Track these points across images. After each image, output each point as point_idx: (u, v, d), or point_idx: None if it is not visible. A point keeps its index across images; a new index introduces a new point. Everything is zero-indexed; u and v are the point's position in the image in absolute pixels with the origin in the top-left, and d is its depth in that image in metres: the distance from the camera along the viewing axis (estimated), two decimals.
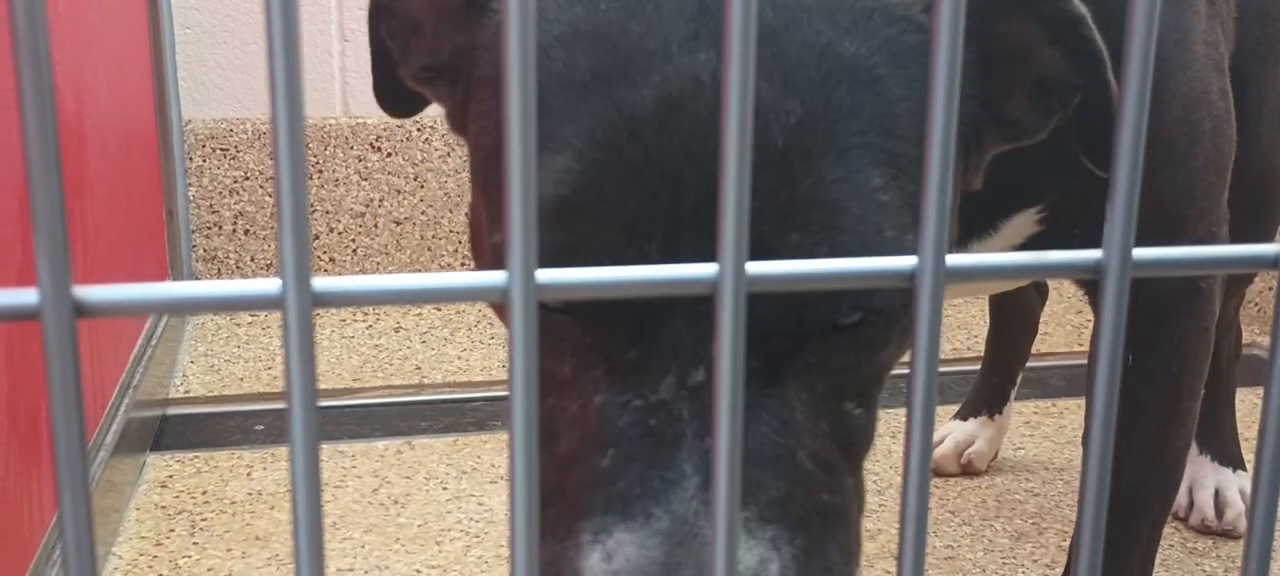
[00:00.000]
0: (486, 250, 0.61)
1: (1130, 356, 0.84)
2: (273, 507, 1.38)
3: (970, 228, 0.81)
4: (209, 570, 1.26)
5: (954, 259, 0.32)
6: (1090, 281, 0.86)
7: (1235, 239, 0.91)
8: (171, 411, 1.65)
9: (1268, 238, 1.17)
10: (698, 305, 0.53)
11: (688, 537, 0.49)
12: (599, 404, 0.55)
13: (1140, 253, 0.32)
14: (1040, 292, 1.47)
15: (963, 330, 1.94)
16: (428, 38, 0.67)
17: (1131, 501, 0.88)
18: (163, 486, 1.43)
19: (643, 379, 0.54)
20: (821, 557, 0.54)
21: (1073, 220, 0.81)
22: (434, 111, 0.72)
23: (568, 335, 0.57)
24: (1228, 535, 1.35)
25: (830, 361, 0.56)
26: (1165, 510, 0.91)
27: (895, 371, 0.62)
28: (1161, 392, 0.86)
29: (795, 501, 0.54)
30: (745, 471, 0.52)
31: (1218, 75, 0.83)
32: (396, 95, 0.73)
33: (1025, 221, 0.83)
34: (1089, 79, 0.62)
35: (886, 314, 0.56)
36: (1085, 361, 1.82)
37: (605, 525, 0.51)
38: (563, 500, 0.54)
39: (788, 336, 0.55)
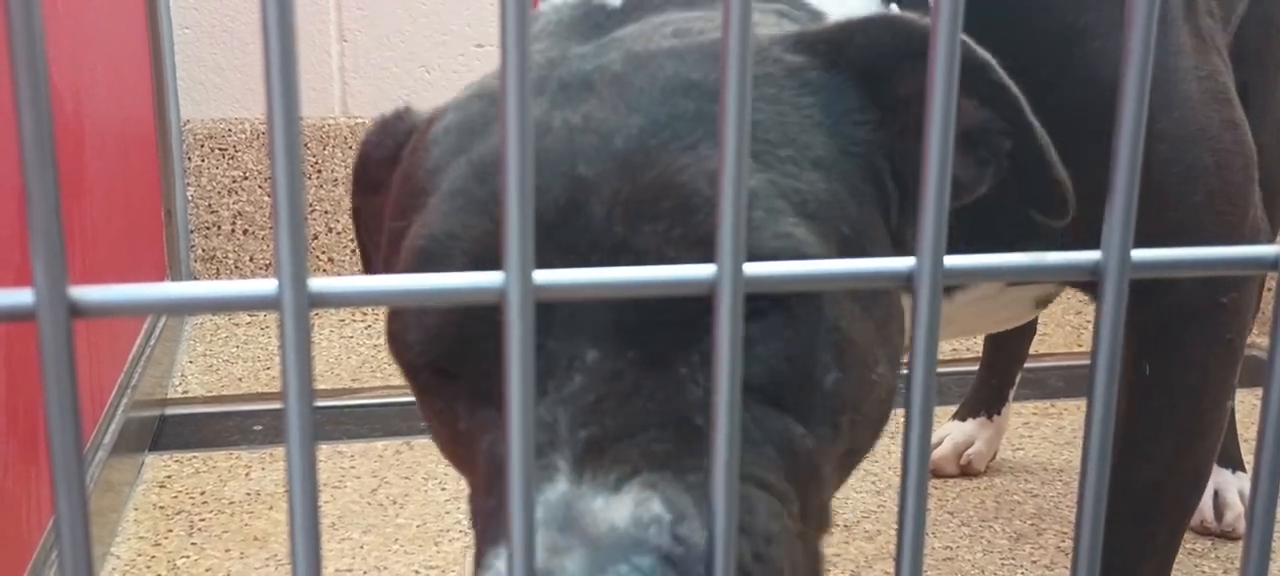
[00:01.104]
0: (390, 350, 0.63)
1: (1147, 366, 0.84)
2: (271, 508, 1.38)
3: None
4: (207, 570, 1.26)
5: (952, 259, 0.32)
6: (1094, 288, 0.86)
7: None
8: (170, 411, 1.64)
9: (1268, 238, 1.17)
10: (570, 320, 0.54)
11: (564, 519, 0.49)
12: (487, 446, 0.56)
13: (1139, 253, 0.32)
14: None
15: None
16: (385, 237, 0.69)
17: (1150, 508, 0.87)
18: (161, 486, 1.43)
19: None
20: (743, 505, 0.52)
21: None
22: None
23: (445, 392, 0.59)
24: (1227, 536, 1.35)
25: (745, 364, 0.54)
26: (1184, 519, 0.90)
27: None
28: (1181, 402, 0.86)
29: (690, 454, 0.52)
30: (618, 445, 0.51)
31: (1219, 106, 0.82)
32: None
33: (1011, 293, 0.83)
34: (1012, 124, 0.62)
35: (785, 305, 0.55)
36: (1084, 362, 1.82)
37: (496, 553, 0.52)
38: (476, 551, 0.56)
39: (677, 325, 0.54)
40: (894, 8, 0.73)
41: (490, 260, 0.55)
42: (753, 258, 0.52)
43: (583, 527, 0.49)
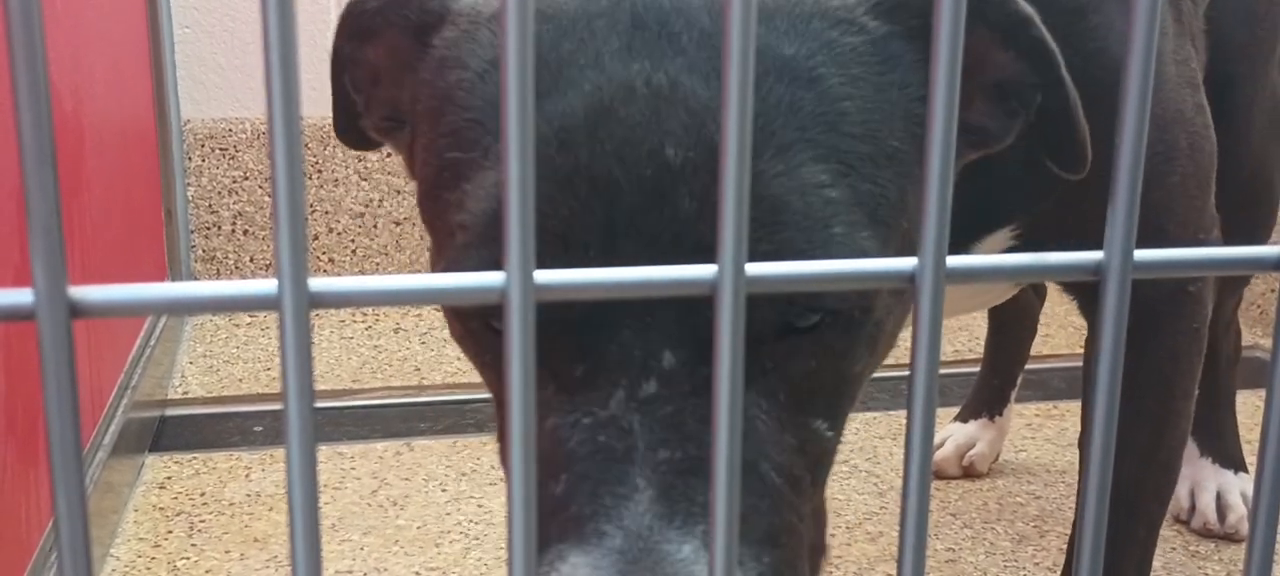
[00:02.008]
0: None
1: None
2: (271, 509, 1.38)
3: None
4: (207, 572, 1.25)
5: (954, 260, 0.32)
6: (1082, 288, 0.86)
7: (1228, 240, 0.91)
8: (170, 412, 1.64)
9: (1261, 237, 1.17)
10: (644, 314, 0.52)
11: (642, 553, 0.48)
12: (550, 427, 0.54)
13: (1141, 254, 0.32)
14: (1038, 293, 1.47)
15: (963, 331, 1.94)
16: (387, 86, 0.67)
17: (1128, 502, 0.88)
18: (161, 487, 1.43)
19: (591, 395, 0.53)
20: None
21: (1047, 238, 0.81)
22: None
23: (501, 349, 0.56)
24: (1230, 538, 1.35)
25: (792, 367, 0.55)
26: (1162, 511, 0.91)
27: (895, 373, 0.61)
28: (1154, 394, 0.86)
29: (761, 516, 0.52)
30: (706, 485, 0.50)
31: (1192, 90, 0.83)
32: (358, 135, 0.72)
33: (998, 241, 0.83)
34: (1044, 78, 0.62)
35: (845, 317, 0.55)
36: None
37: (561, 552, 0.50)
38: (541, 535, 0.54)
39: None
40: None
41: (575, 239, 0.52)
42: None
43: (660, 570, 0.48)
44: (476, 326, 0.58)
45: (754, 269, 0.30)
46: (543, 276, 0.29)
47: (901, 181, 0.57)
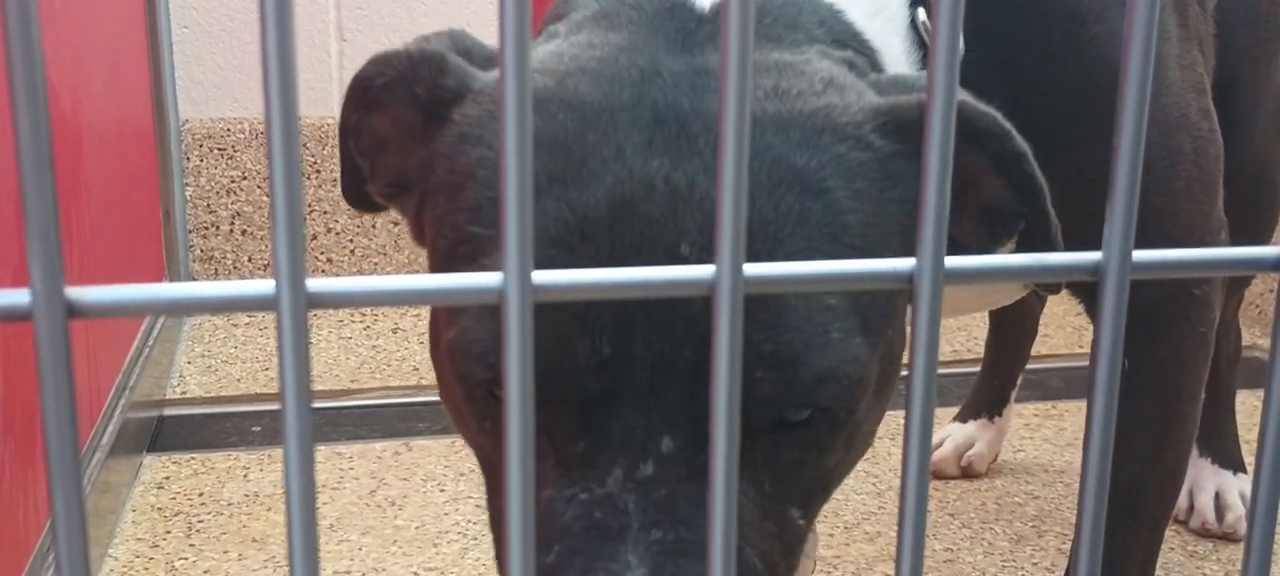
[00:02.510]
0: (444, 346, 0.61)
1: (1127, 361, 0.85)
2: (270, 509, 1.38)
3: None
4: (206, 572, 1.25)
5: (953, 260, 0.32)
6: (1087, 288, 0.87)
7: (1233, 240, 0.91)
8: (168, 412, 1.64)
9: (1264, 238, 1.17)
10: (648, 397, 0.54)
11: None
12: (546, 498, 0.56)
13: (1140, 254, 0.32)
14: (1040, 295, 1.47)
15: (962, 331, 1.94)
16: (392, 154, 0.68)
17: (1131, 504, 0.88)
18: (159, 488, 1.43)
19: (589, 472, 0.55)
20: None
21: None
22: None
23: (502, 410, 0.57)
24: (1228, 538, 1.35)
25: (778, 459, 0.57)
26: (1166, 513, 0.91)
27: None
28: (1160, 397, 0.87)
29: None
30: (696, 567, 0.52)
31: (1197, 95, 0.84)
32: (364, 200, 0.74)
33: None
34: (1031, 208, 0.64)
35: (833, 414, 0.57)
36: (1085, 364, 1.82)
37: None
38: None
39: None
40: (921, 13, 0.74)
41: (593, 325, 0.54)
42: (826, 378, 0.55)
43: None
44: (480, 394, 0.60)
45: (752, 269, 0.30)
46: (541, 276, 0.29)
47: (892, 292, 0.60)
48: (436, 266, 0.63)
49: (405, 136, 0.66)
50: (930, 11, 0.72)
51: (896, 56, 0.72)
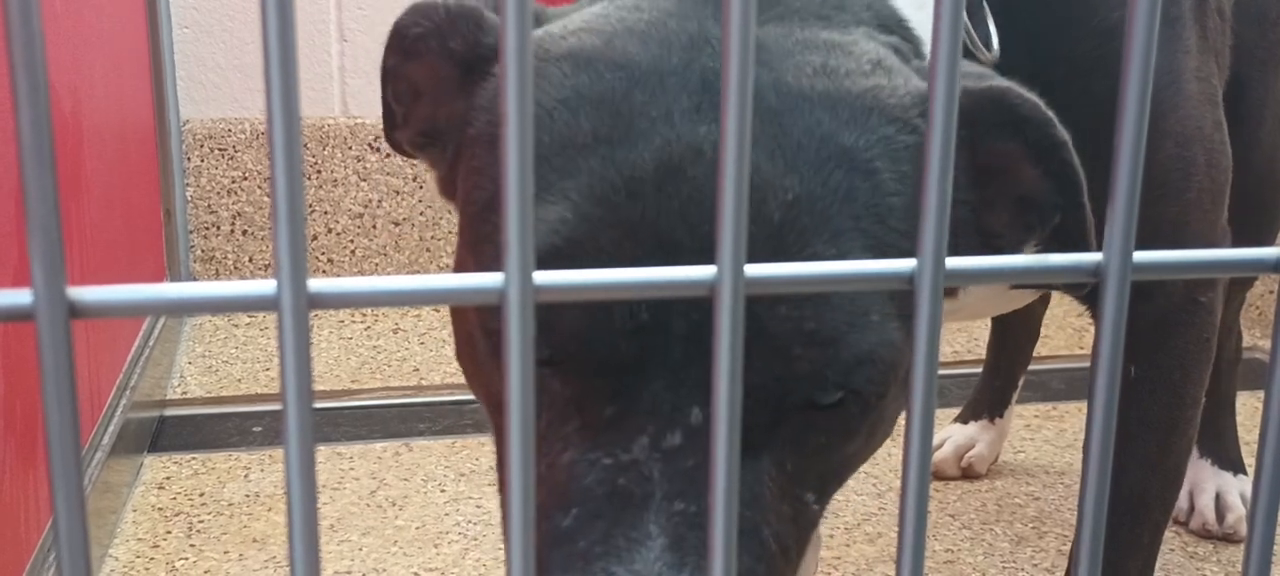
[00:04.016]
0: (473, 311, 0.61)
1: (1133, 368, 0.86)
2: (270, 509, 1.38)
3: None
4: (206, 572, 1.25)
5: (953, 261, 0.32)
6: (1089, 291, 0.87)
7: (1237, 242, 0.92)
8: (169, 412, 1.64)
9: (1268, 239, 1.18)
10: (681, 369, 0.53)
11: None
12: (567, 461, 0.55)
13: (1140, 255, 0.32)
14: (1043, 298, 1.47)
15: (963, 332, 1.94)
16: (426, 104, 0.68)
17: (1133, 507, 0.89)
18: (160, 488, 1.43)
19: (615, 437, 0.54)
20: None
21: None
22: None
23: (546, 388, 0.56)
24: (1228, 539, 1.35)
25: (804, 441, 0.57)
26: (1166, 515, 0.92)
27: None
28: (1163, 401, 0.88)
29: None
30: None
31: (1211, 108, 0.85)
32: (400, 144, 0.75)
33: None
34: (1067, 201, 0.64)
35: (863, 399, 0.57)
36: (1086, 365, 1.82)
37: None
38: (539, 562, 0.55)
39: (770, 406, 0.55)
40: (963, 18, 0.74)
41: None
42: (863, 360, 0.54)
43: None
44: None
45: (753, 270, 0.30)
46: (541, 277, 0.29)
47: None
48: (469, 218, 0.62)
49: (440, 88, 0.66)
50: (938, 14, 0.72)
51: None
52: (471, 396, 0.68)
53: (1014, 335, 1.47)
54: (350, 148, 2.08)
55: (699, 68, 0.57)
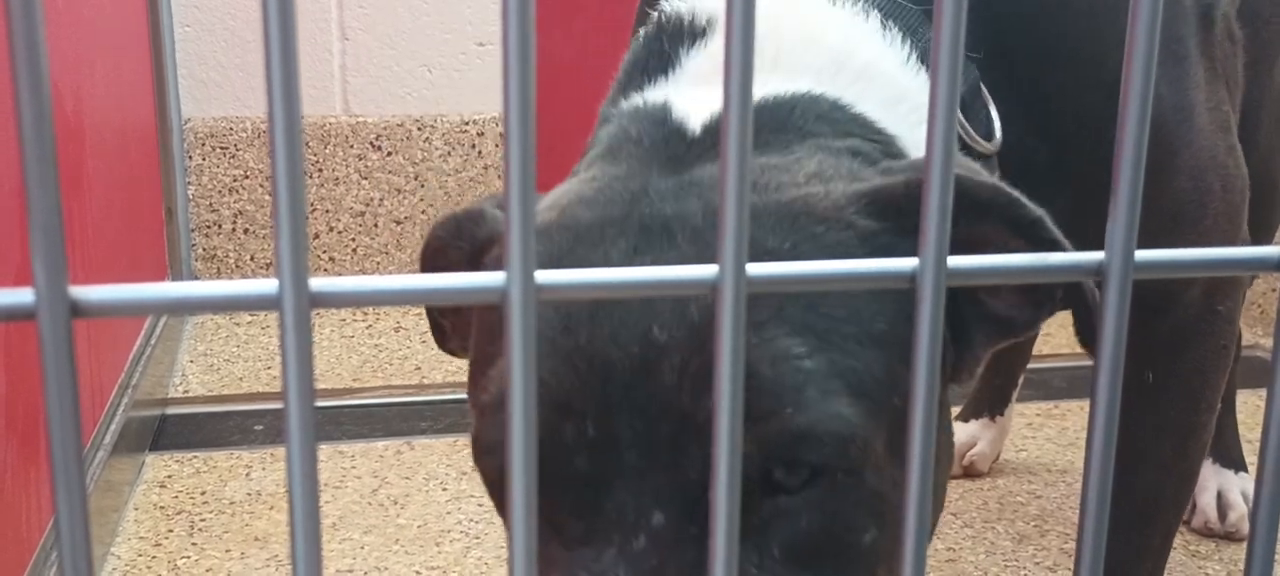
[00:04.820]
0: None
1: (1150, 374, 0.87)
2: (272, 508, 1.38)
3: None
4: (208, 570, 1.25)
5: (955, 261, 0.32)
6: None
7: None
8: (170, 411, 1.64)
9: (1267, 238, 1.18)
10: (637, 475, 0.56)
11: None
12: None
13: (1142, 254, 0.32)
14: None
15: None
16: (464, 311, 0.73)
17: (1146, 510, 0.90)
18: (161, 486, 1.43)
19: (588, 551, 0.57)
20: None
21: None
22: (434, 109, 0.75)
23: None
24: (1230, 537, 1.35)
25: (782, 528, 0.58)
26: (1178, 519, 0.93)
27: None
28: (1181, 406, 0.89)
29: None
30: None
31: (1224, 134, 0.85)
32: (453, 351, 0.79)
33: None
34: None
35: (831, 475, 0.57)
36: (1088, 363, 1.82)
37: None
38: None
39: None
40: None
41: (577, 409, 0.57)
42: (805, 435, 0.55)
43: None
44: (502, 493, 0.64)
45: (755, 268, 0.30)
46: (544, 276, 0.29)
47: (890, 361, 0.59)
48: (469, 383, 0.67)
49: None
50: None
51: (920, 144, 0.72)
52: None
53: None
54: (351, 146, 2.08)
55: (637, 216, 0.61)
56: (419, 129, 2.09)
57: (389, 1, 2.07)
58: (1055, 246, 0.63)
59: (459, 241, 0.70)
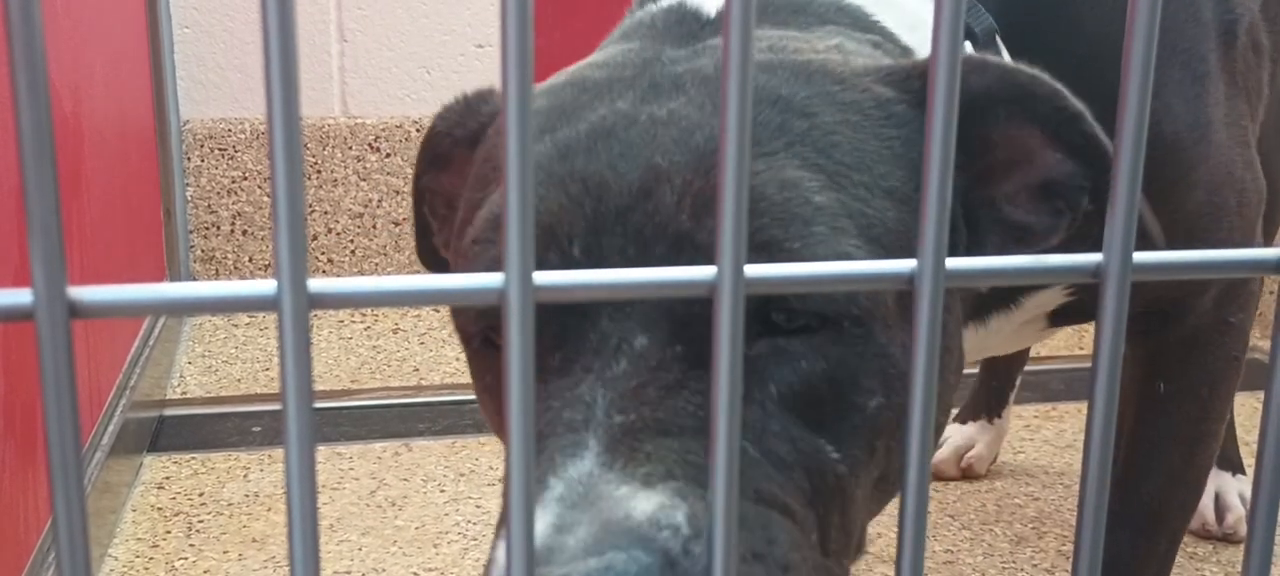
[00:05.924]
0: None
1: (1161, 384, 0.87)
2: (270, 509, 1.38)
3: (989, 302, 0.82)
4: (206, 572, 1.25)
5: (954, 261, 0.32)
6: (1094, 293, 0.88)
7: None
8: (169, 412, 1.64)
9: (1268, 241, 1.18)
10: (626, 300, 0.54)
11: (580, 498, 0.49)
12: None
13: (1141, 256, 0.32)
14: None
15: None
16: (461, 209, 0.70)
17: (1153, 516, 0.91)
18: (159, 488, 1.43)
19: (564, 382, 0.54)
20: (763, 532, 0.52)
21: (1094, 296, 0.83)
22: (433, 110, 0.74)
23: (497, 364, 0.60)
24: (1228, 539, 1.35)
25: (783, 370, 0.55)
26: (1184, 525, 0.94)
27: None
28: (1190, 414, 0.89)
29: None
30: (658, 443, 0.51)
31: (1242, 149, 0.85)
32: (433, 255, 0.77)
33: (1052, 294, 0.84)
34: (1097, 176, 0.61)
35: (834, 323, 0.55)
36: (1086, 365, 1.82)
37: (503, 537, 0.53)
38: (498, 527, 0.56)
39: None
40: (968, 46, 0.73)
41: (562, 231, 0.56)
42: None
43: (598, 509, 0.48)
44: (477, 346, 0.62)
45: (753, 270, 0.30)
46: (542, 277, 0.29)
47: (903, 215, 0.57)
48: (459, 247, 0.65)
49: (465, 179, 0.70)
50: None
51: None
52: (471, 396, 0.69)
53: None
54: (350, 148, 2.08)
55: (649, 75, 0.61)
56: (418, 130, 2.09)
57: (388, 3, 2.07)
58: (1097, 147, 0.60)
59: (467, 120, 0.69)
